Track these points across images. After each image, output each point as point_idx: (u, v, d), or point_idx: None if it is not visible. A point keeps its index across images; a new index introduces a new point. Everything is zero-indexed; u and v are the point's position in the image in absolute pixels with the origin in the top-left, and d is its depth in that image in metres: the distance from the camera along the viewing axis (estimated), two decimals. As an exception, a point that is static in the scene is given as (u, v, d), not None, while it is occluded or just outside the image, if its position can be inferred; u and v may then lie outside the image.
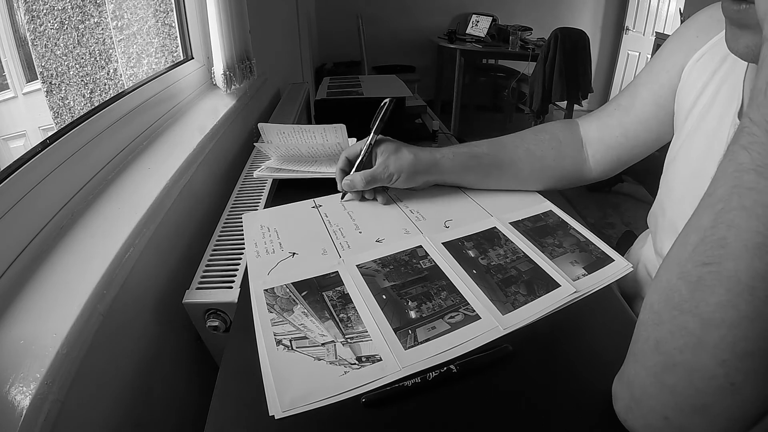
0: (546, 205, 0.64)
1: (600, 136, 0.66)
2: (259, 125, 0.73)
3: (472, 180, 0.67)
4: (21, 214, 0.45)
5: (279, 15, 1.85)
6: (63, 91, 0.74)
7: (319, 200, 0.66)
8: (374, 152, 0.63)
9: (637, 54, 4.10)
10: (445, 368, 0.38)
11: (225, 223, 0.66)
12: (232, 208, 0.69)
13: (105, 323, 0.42)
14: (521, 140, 0.68)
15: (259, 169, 0.75)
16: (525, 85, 3.44)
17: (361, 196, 0.65)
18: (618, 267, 0.51)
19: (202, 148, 0.74)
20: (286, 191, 0.73)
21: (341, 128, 0.71)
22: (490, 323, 0.43)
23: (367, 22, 3.50)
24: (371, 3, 3.82)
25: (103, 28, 0.83)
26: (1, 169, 0.47)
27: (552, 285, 0.48)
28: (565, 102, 3.25)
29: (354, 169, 0.63)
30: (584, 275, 0.50)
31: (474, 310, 0.45)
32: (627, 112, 0.63)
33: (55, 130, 0.58)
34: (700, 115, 0.52)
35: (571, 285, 0.48)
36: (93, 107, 0.66)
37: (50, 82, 0.72)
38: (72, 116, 0.74)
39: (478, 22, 3.78)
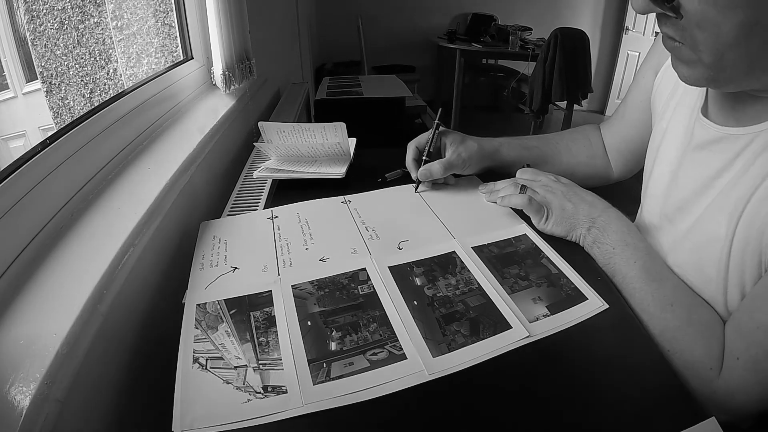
0: (521, 228, 0.59)
1: (610, 142, 0.75)
2: (259, 124, 0.73)
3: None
4: (21, 214, 0.45)
5: (279, 15, 1.84)
6: (63, 91, 0.74)
7: (277, 210, 0.64)
8: (441, 143, 0.70)
9: (637, 54, 4.10)
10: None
11: (225, 223, 0.66)
12: (232, 208, 0.69)
13: (105, 323, 0.42)
14: (561, 138, 0.77)
15: (258, 170, 0.75)
16: (525, 85, 3.44)
17: (433, 183, 0.70)
18: (590, 307, 0.46)
19: (202, 148, 0.74)
20: (286, 191, 0.73)
21: (341, 127, 0.71)
22: (415, 366, 0.39)
23: (367, 22, 3.50)
24: (371, 3, 3.82)
25: (102, 28, 0.83)
26: (1, 169, 0.47)
27: (502, 326, 0.43)
28: (565, 102, 3.25)
29: (425, 159, 0.68)
30: (545, 316, 0.44)
31: (401, 348, 0.41)
32: (622, 118, 0.72)
33: (55, 130, 0.58)
34: (672, 116, 0.57)
35: (524, 328, 0.43)
36: (93, 107, 0.66)
37: (50, 82, 0.72)
38: (72, 116, 0.74)
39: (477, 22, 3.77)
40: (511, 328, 0.43)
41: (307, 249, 0.55)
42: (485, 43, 3.56)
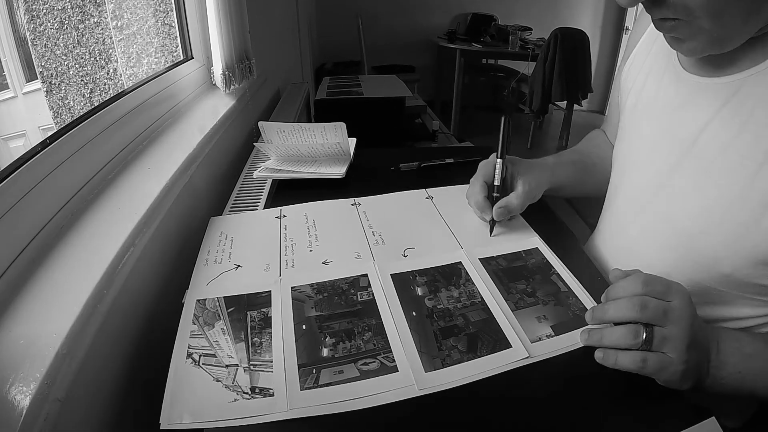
0: (534, 241, 0.56)
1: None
2: (259, 123, 0.73)
3: (571, 188, 0.68)
4: (21, 213, 0.45)
5: (279, 15, 1.84)
6: (63, 91, 0.74)
7: (285, 210, 0.63)
8: (508, 172, 0.61)
9: (637, 54, 4.10)
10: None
11: (225, 223, 0.66)
12: (231, 208, 0.69)
13: (105, 323, 0.42)
14: (588, 147, 0.75)
15: (258, 170, 0.75)
16: (525, 85, 3.44)
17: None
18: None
19: (202, 148, 0.74)
20: (286, 191, 0.73)
21: (341, 126, 0.71)
22: (405, 379, 0.38)
23: (367, 22, 3.50)
24: (371, 3, 3.82)
25: (102, 28, 0.83)
26: (1, 169, 0.47)
27: (501, 344, 0.41)
28: (565, 102, 3.25)
29: (496, 193, 0.59)
30: (548, 337, 0.42)
31: (394, 360, 0.39)
32: (610, 123, 0.72)
33: (55, 130, 0.58)
34: (639, 88, 0.57)
35: (524, 348, 0.40)
36: (93, 107, 0.66)
37: (50, 82, 0.72)
38: (72, 116, 0.74)
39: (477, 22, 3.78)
40: (511, 347, 0.41)
41: (311, 251, 0.54)
42: (485, 43, 3.56)
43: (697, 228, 0.47)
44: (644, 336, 0.38)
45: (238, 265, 0.52)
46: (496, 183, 0.59)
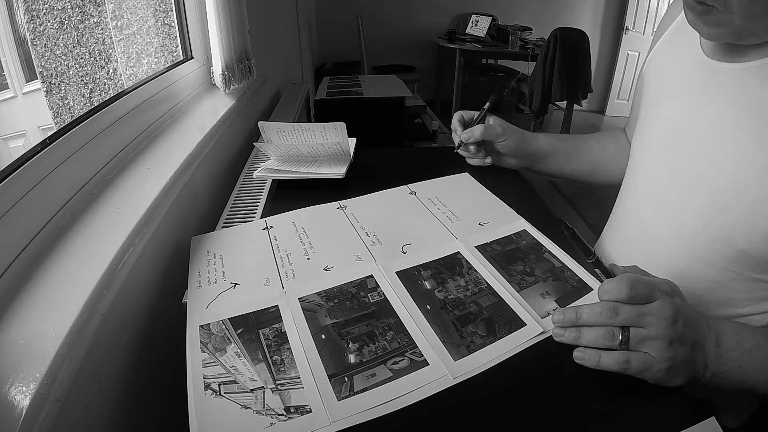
0: (520, 224, 0.59)
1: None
2: (259, 123, 0.73)
3: (555, 164, 0.78)
4: (20, 214, 0.45)
5: (279, 15, 1.84)
6: (63, 91, 0.74)
7: (271, 220, 0.61)
8: (486, 121, 0.75)
9: (637, 54, 4.10)
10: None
11: (225, 223, 0.66)
12: (231, 208, 0.69)
13: (105, 323, 0.42)
14: (591, 135, 0.82)
15: (258, 170, 0.75)
16: (525, 85, 3.44)
17: (474, 155, 0.76)
18: (596, 298, 0.43)
19: (202, 148, 0.74)
20: (286, 192, 0.73)
21: (341, 126, 0.71)
22: (438, 371, 0.39)
23: (366, 22, 3.50)
24: (371, 3, 3.82)
25: (102, 28, 0.83)
26: (1, 168, 0.47)
27: (516, 323, 0.43)
28: (565, 102, 3.25)
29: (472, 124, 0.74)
30: (555, 310, 0.44)
31: (422, 355, 0.40)
32: (628, 124, 0.76)
33: (55, 130, 0.58)
34: (662, 74, 0.61)
35: (538, 324, 0.43)
36: (93, 107, 0.66)
37: (50, 82, 0.72)
38: (72, 116, 0.74)
39: (477, 21, 3.78)
40: (526, 325, 0.43)
41: (308, 259, 0.53)
42: (485, 43, 3.57)
43: (715, 204, 0.50)
44: (620, 337, 0.39)
45: (236, 283, 0.49)
46: (475, 119, 0.75)
